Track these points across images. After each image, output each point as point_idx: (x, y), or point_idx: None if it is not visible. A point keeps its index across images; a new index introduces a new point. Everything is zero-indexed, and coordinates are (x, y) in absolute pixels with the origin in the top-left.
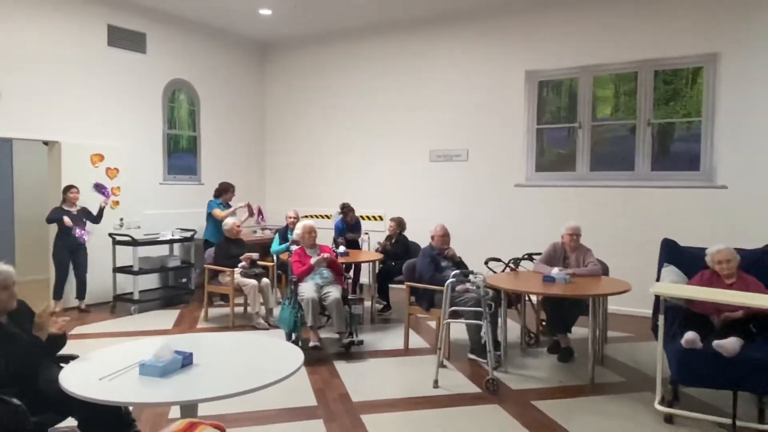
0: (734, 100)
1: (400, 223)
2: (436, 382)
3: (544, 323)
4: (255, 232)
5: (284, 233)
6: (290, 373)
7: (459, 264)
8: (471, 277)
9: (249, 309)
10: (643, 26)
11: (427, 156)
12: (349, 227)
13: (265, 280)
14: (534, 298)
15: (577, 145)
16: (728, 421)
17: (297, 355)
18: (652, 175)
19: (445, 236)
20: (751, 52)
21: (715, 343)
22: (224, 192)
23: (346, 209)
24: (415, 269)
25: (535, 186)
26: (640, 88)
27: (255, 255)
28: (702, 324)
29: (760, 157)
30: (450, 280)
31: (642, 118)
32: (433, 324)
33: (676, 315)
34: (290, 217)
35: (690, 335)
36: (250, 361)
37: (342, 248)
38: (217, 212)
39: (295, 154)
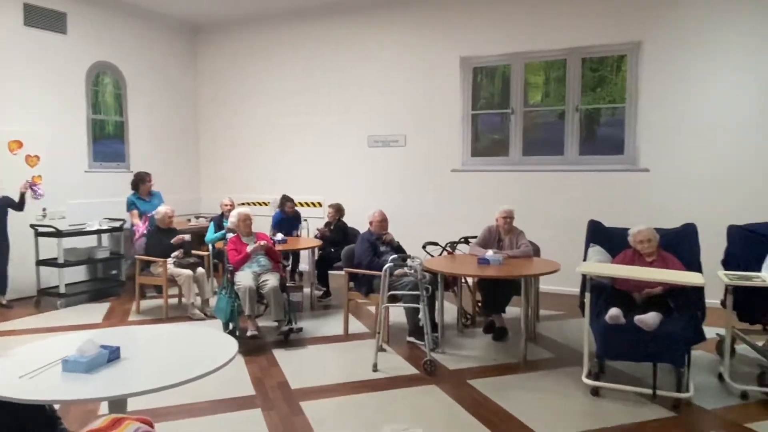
0: (655, 86)
1: (338, 209)
2: (375, 365)
3: (479, 304)
4: (189, 220)
5: (219, 221)
6: (222, 364)
7: (397, 249)
8: (409, 261)
9: (184, 300)
10: (571, 14)
11: (366, 141)
12: (287, 220)
13: (200, 269)
14: (470, 280)
15: (510, 130)
16: (649, 391)
17: (231, 344)
18: (580, 159)
19: (383, 221)
20: (672, 41)
21: (636, 318)
22: (140, 183)
23: (284, 201)
24: (353, 255)
25: (471, 171)
26: (569, 75)
27: (186, 236)
28: (625, 300)
29: (679, 141)
30: (388, 264)
31: (570, 104)
32: (372, 309)
33: (601, 292)
34: (225, 205)
35: (613, 311)
36: (182, 353)
37: (280, 235)
38: (135, 220)
39: (230, 140)
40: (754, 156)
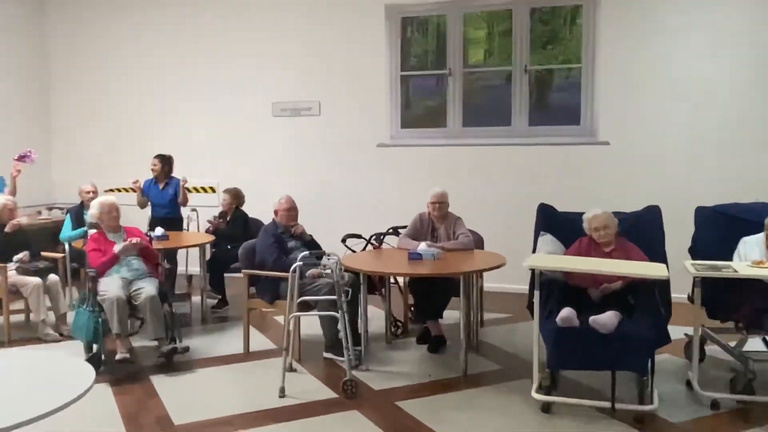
0: (616, 45)
1: (236, 196)
2: (282, 390)
3: (412, 309)
4: (39, 212)
5: (78, 214)
6: (70, 401)
7: (310, 244)
8: (324, 259)
9: (32, 317)
10: None
11: (269, 110)
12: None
13: (52, 277)
14: (401, 280)
15: (447, 96)
16: (608, 404)
17: (86, 374)
18: (530, 130)
19: (291, 210)
20: None
21: (591, 319)
22: None
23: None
24: (255, 253)
25: (402, 146)
26: (516, 28)
27: (23, 219)
28: (579, 298)
29: (643, 109)
30: (298, 263)
31: (518, 64)
32: (280, 319)
33: (552, 290)
34: (86, 192)
35: (565, 312)
36: (24, 386)
37: (159, 230)
38: None
39: (93, 115)
40: (730, 127)
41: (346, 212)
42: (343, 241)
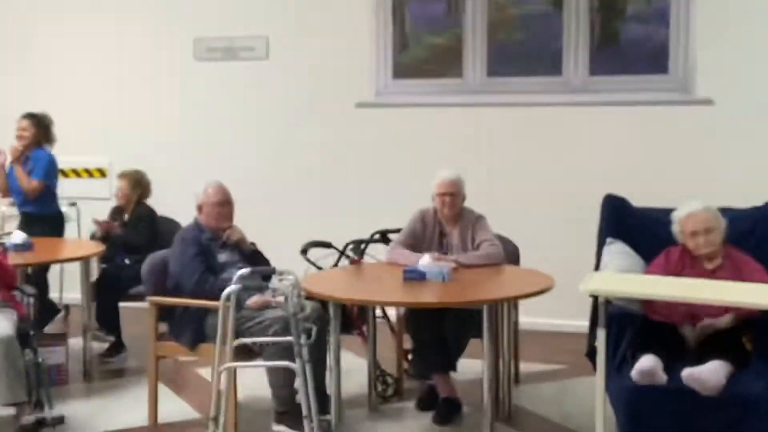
0: None
1: (137, 183)
2: None
3: (409, 357)
4: None
5: None
6: None
7: (252, 257)
8: (274, 280)
9: None
10: None
11: (190, 51)
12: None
13: None
14: (392, 312)
15: (464, 30)
16: None
17: None
18: (591, 82)
19: (223, 205)
20: None
21: (686, 373)
22: None
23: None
24: (167, 271)
25: (394, 106)
26: None
27: None
28: (667, 341)
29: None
30: (232, 287)
31: None
32: (206, 373)
33: (626, 328)
34: None
35: (646, 362)
36: None
37: (19, 235)
38: None
39: None
40: None
41: (309, 208)
42: (304, 252)
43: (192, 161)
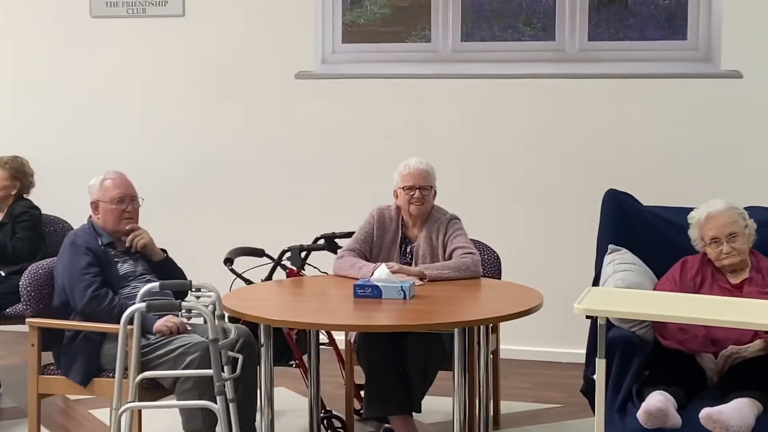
0: None
1: (16, 174)
2: None
3: (362, 394)
4: None
5: None
6: None
7: (161, 267)
8: (190, 296)
9: None
10: None
11: (86, 6)
12: None
13: None
14: (341, 338)
15: None
16: None
17: None
18: (591, 49)
19: (126, 201)
20: None
21: (705, 413)
22: None
23: None
24: (53, 285)
25: (344, 77)
26: None
27: None
28: (682, 373)
29: None
30: (136, 306)
31: None
32: (103, 414)
33: (632, 358)
34: None
35: (655, 400)
36: None
37: None
38: None
39: None
40: None
41: (236, 206)
42: (229, 261)
43: (86, 146)
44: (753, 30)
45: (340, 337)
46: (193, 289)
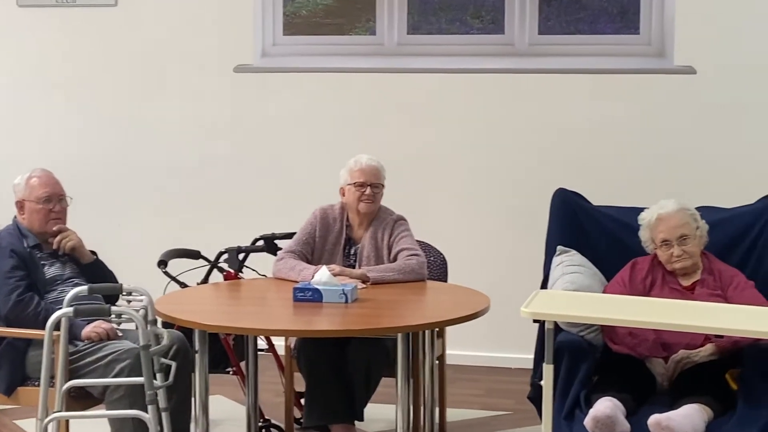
0: None
1: None
2: None
3: (302, 401)
4: None
5: None
6: None
7: (91, 270)
8: (121, 302)
9: None
10: None
11: None
12: None
13: None
14: (280, 343)
15: None
16: None
17: None
18: (540, 44)
19: (53, 201)
20: None
21: (653, 420)
22: None
23: None
24: None
25: (284, 71)
26: None
27: None
28: (631, 379)
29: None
30: (63, 311)
31: None
32: (27, 425)
33: (579, 363)
34: None
35: (603, 407)
36: None
37: None
38: None
39: None
40: None
41: (170, 206)
42: (163, 264)
43: (12, 142)
44: (707, 25)
45: (279, 342)
46: (124, 293)
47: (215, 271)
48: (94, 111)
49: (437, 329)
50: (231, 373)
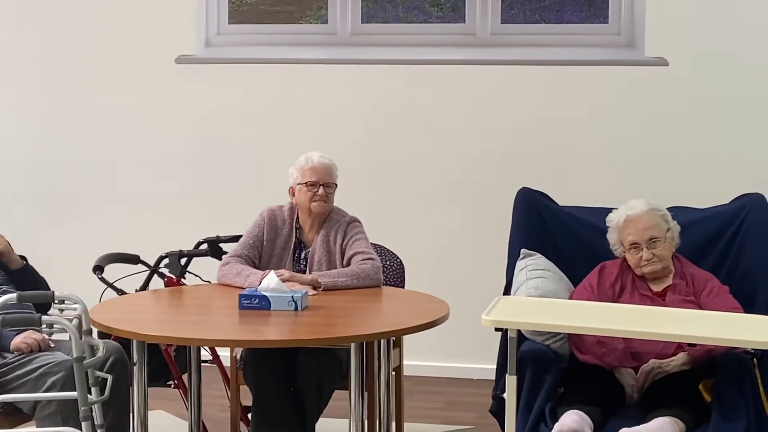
0: None
1: None
2: None
3: (249, 416)
4: None
5: None
6: None
7: (20, 276)
8: (53, 310)
9: None
10: None
11: None
12: None
13: None
14: (225, 354)
15: None
16: None
17: None
18: (503, 33)
19: None
20: None
21: None
22: None
23: None
24: None
25: (230, 62)
26: None
27: None
28: (599, 390)
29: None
30: None
31: None
32: None
33: (544, 374)
34: None
35: (569, 420)
36: None
37: None
38: None
39: None
40: None
41: (106, 207)
42: (99, 269)
43: None
44: (679, 14)
45: (224, 353)
46: (56, 301)
47: (155, 276)
48: (22, 105)
49: (394, 338)
50: (172, 386)
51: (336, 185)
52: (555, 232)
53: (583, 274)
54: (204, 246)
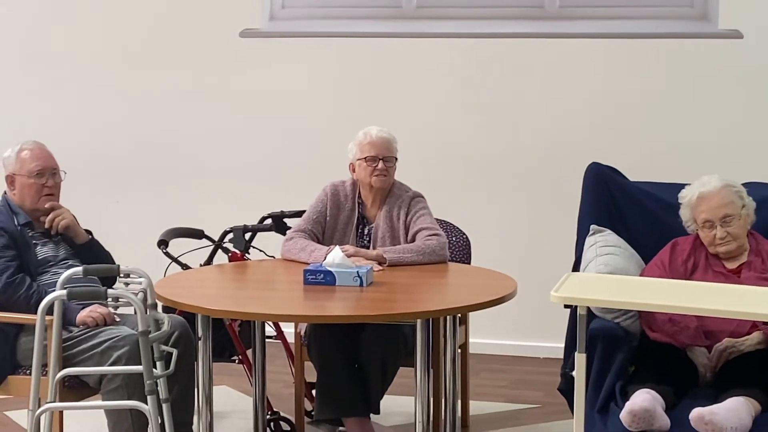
0: None
1: None
2: None
3: (313, 393)
4: None
5: None
6: None
7: (86, 250)
8: (118, 284)
9: None
10: None
11: None
12: None
13: None
14: (289, 330)
15: None
16: None
17: None
18: (571, 5)
19: (46, 175)
20: None
21: (696, 414)
22: None
23: None
24: None
25: (294, 35)
26: None
27: None
28: (671, 370)
29: None
30: (56, 294)
31: None
32: (19, 417)
33: (615, 352)
34: None
35: (641, 399)
36: None
37: None
38: None
39: None
40: None
41: (170, 182)
42: (163, 244)
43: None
44: None
45: (288, 329)
46: (122, 275)
47: (220, 251)
48: (88, 81)
49: (459, 315)
50: (237, 361)
51: (396, 159)
52: (625, 208)
53: (654, 251)
54: (268, 221)
